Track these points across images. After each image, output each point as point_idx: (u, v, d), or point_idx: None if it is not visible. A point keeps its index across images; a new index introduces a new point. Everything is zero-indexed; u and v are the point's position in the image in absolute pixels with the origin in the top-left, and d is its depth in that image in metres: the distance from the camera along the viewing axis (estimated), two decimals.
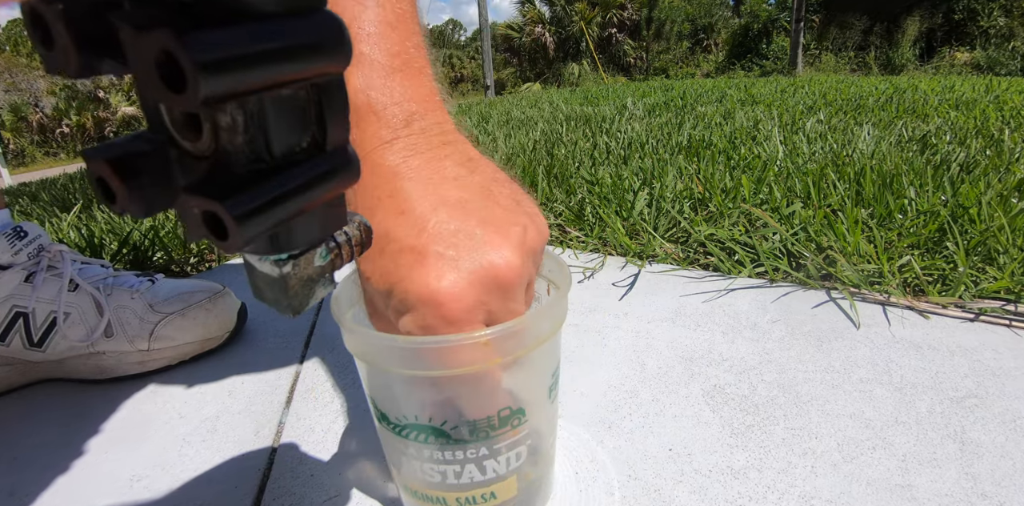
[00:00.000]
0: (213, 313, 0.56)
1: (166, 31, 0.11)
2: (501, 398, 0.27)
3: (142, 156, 0.13)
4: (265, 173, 0.14)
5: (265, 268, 0.17)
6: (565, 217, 0.89)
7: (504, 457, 0.28)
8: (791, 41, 11.61)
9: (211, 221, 0.14)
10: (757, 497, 0.35)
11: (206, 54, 0.11)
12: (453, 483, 0.28)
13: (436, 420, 0.26)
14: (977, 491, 0.34)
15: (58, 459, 0.43)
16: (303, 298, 0.18)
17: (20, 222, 0.54)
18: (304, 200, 0.15)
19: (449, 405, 0.26)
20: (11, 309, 0.50)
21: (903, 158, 1.07)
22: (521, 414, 0.28)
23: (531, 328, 0.25)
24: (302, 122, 0.15)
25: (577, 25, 16.46)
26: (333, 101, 0.15)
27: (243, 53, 0.12)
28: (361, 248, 0.19)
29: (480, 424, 0.26)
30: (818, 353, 0.50)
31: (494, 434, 0.27)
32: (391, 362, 0.26)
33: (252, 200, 0.13)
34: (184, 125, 0.14)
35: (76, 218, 1.15)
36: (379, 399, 0.28)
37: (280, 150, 0.14)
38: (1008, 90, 2.43)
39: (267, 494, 0.38)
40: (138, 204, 0.13)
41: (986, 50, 12.10)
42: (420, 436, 0.27)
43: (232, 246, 0.14)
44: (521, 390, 0.28)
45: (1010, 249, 0.62)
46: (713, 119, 1.92)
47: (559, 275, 0.30)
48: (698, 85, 4.20)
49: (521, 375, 0.28)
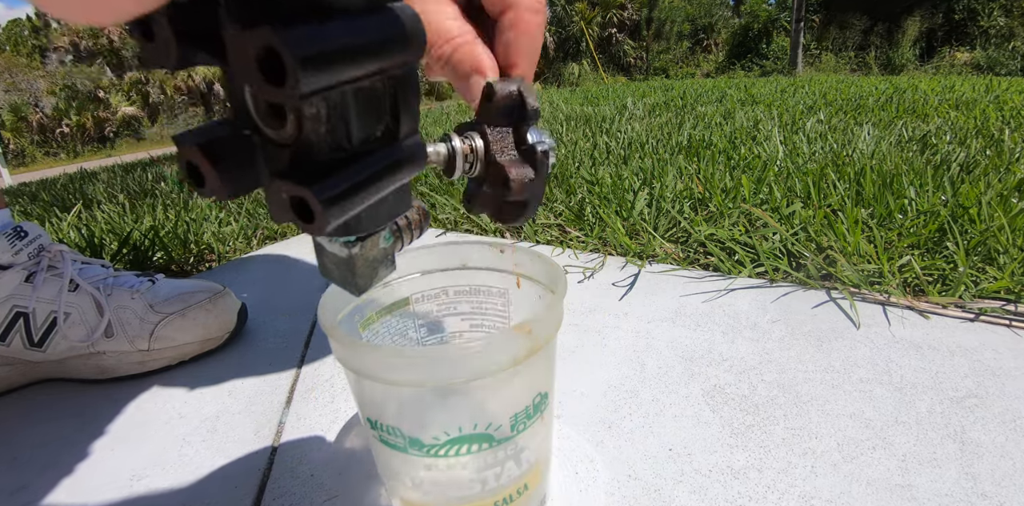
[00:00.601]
0: (213, 313, 0.56)
1: (268, 29, 0.11)
2: (534, 385, 0.27)
3: (230, 142, 0.14)
4: (344, 161, 0.15)
5: (335, 249, 0.18)
6: (565, 217, 0.89)
7: (535, 444, 0.29)
8: (791, 41, 11.62)
9: (298, 206, 0.14)
10: (757, 497, 0.35)
11: (306, 50, 0.11)
12: (492, 486, 0.28)
13: (481, 425, 0.26)
14: (977, 491, 0.34)
15: (58, 459, 0.43)
16: (368, 278, 0.19)
17: (20, 222, 0.54)
18: (380, 187, 0.16)
19: (489, 405, 0.26)
20: (11, 309, 0.50)
21: (903, 158, 1.07)
22: (546, 398, 0.28)
23: (555, 312, 0.26)
24: (379, 112, 0.15)
25: (577, 25, 16.46)
26: (407, 92, 0.16)
27: (338, 49, 0.12)
28: (420, 231, 0.20)
29: (519, 416, 0.27)
30: (818, 353, 0.50)
31: (529, 423, 0.27)
32: (437, 376, 0.24)
33: (336, 186, 0.14)
34: (269, 114, 0.14)
35: (76, 218, 1.15)
36: (407, 426, 0.26)
37: (359, 139, 0.15)
38: (1008, 90, 2.43)
39: (267, 494, 0.38)
40: (226, 187, 0.14)
41: (986, 50, 12.10)
42: (463, 449, 0.26)
43: (318, 229, 0.14)
44: (544, 374, 0.28)
45: (1010, 249, 0.62)
46: (713, 119, 1.92)
47: (553, 275, 0.30)
48: (698, 85, 4.20)
49: (545, 359, 0.28)
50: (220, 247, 0.91)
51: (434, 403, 0.26)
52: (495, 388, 0.26)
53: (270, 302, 0.70)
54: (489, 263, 0.34)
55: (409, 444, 0.26)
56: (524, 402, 0.27)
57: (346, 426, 0.44)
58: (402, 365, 0.24)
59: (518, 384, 0.26)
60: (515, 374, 0.25)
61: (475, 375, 0.24)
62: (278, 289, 0.75)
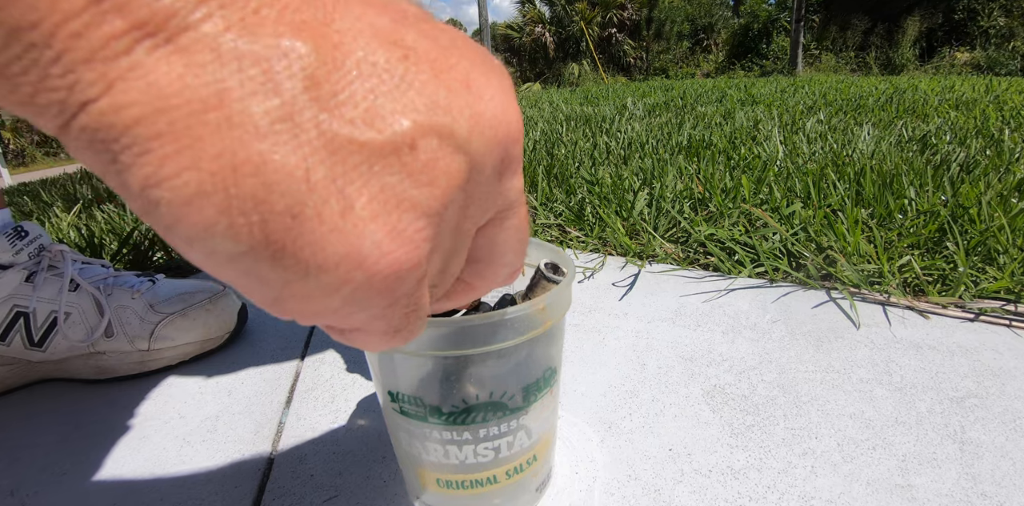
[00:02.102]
0: (213, 313, 0.56)
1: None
2: (545, 359, 0.28)
3: None
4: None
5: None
6: (565, 217, 0.89)
7: (544, 416, 0.30)
8: (791, 41, 11.62)
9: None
10: (757, 497, 0.35)
11: None
12: (505, 455, 0.29)
13: (496, 394, 0.27)
14: (977, 491, 0.34)
15: (58, 459, 0.43)
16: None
17: (20, 222, 0.54)
18: None
19: (505, 376, 0.27)
20: (12, 309, 0.50)
21: (903, 158, 1.07)
22: (555, 373, 0.30)
23: (567, 290, 0.28)
24: None
25: (577, 25, 16.46)
26: None
27: None
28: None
29: (531, 388, 0.28)
30: (818, 353, 0.50)
31: (540, 395, 0.29)
32: (459, 345, 0.26)
33: None
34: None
35: (76, 218, 1.15)
36: (426, 394, 0.27)
37: None
38: (1008, 90, 2.43)
39: (267, 494, 0.38)
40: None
41: (986, 50, 12.10)
42: (479, 416, 0.27)
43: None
44: (555, 349, 0.30)
45: (1010, 249, 0.62)
46: (713, 119, 1.92)
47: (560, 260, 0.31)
48: (698, 85, 4.20)
49: (556, 334, 0.29)
50: None
51: (453, 372, 0.27)
52: (510, 359, 0.27)
53: None
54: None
55: (429, 413, 0.28)
56: (536, 375, 0.28)
57: (346, 426, 0.44)
58: (425, 336, 0.26)
59: (530, 357, 0.28)
60: (528, 346, 0.27)
61: (492, 345, 0.26)
62: None
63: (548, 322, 0.27)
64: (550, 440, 0.33)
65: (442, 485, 0.31)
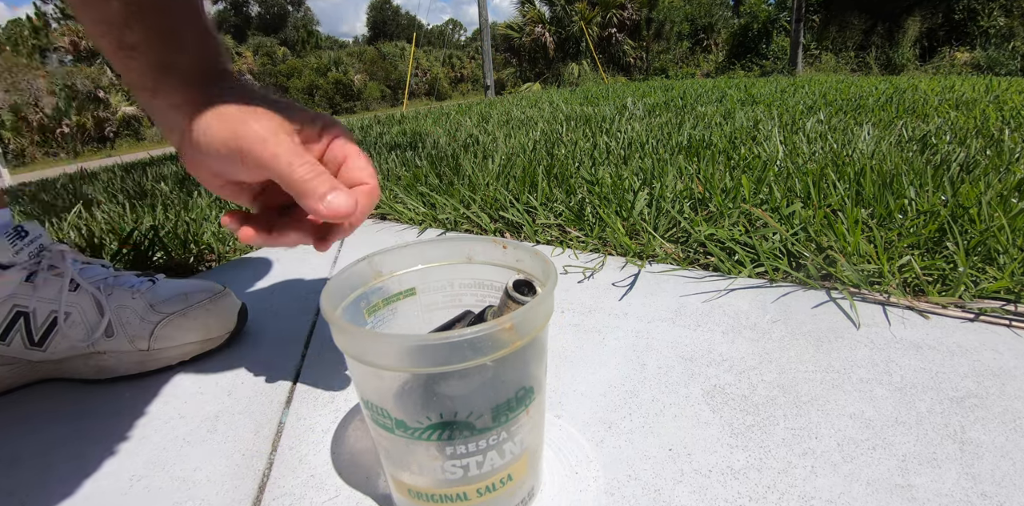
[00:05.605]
0: (214, 313, 0.56)
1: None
2: (517, 379, 0.28)
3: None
4: None
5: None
6: (565, 217, 0.89)
7: (519, 437, 0.29)
8: (791, 41, 11.62)
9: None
10: (757, 497, 0.35)
11: None
12: (475, 474, 0.29)
13: (461, 414, 0.27)
14: (977, 491, 0.34)
15: (58, 459, 0.43)
16: None
17: (21, 222, 0.54)
18: None
19: (471, 395, 0.27)
20: (12, 308, 0.50)
21: (903, 158, 1.07)
22: (531, 393, 0.29)
23: (542, 307, 0.27)
24: None
25: (577, 25, 16.45)
26: None
27: None
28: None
29: (501, 408, 0.27)
30: (818, 353, 0.50)
31: (512, 416, 0.28)
32: (418, 363, 0.25)
33: None
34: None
35: (76, 218, 1.15)
36: (392, 407, 0.27)
37: None
38: (1008, 90, 2.43)
39: (267, 494, 0.38)
40: None
41: (986, 50, 12.09)
42: (444, 434, 0.27)
43: None
44: (530, 368, 0.29)
45: (1010, 249, 0.62)
46: (713, 119, 1.92)
47: (541, 269, 0.31)
48: (698, 85, 4.20)
49: (531, 353, 0.28)
50: (220, 247, 0.91)
51: (417, 388, 0.27)
52: (473, 379, 0.27)
53: (270, 302, 0.70)
54: (493, 258, 0.36)
55: (395, 425, 0.27)
56: (506, 395, 0.27)
57: (346, 426, 0.44)
58: (381, 350, 0.26)
59: (498, 377, 0.27)
60: (496, 366, 0.27)
61: (452, 364, 0.25)
62: (278, 289, 0.75)
63: (517, 342, 0.26)
64: (529, 460, 0.32)
65: (413, 495, 0.31)
